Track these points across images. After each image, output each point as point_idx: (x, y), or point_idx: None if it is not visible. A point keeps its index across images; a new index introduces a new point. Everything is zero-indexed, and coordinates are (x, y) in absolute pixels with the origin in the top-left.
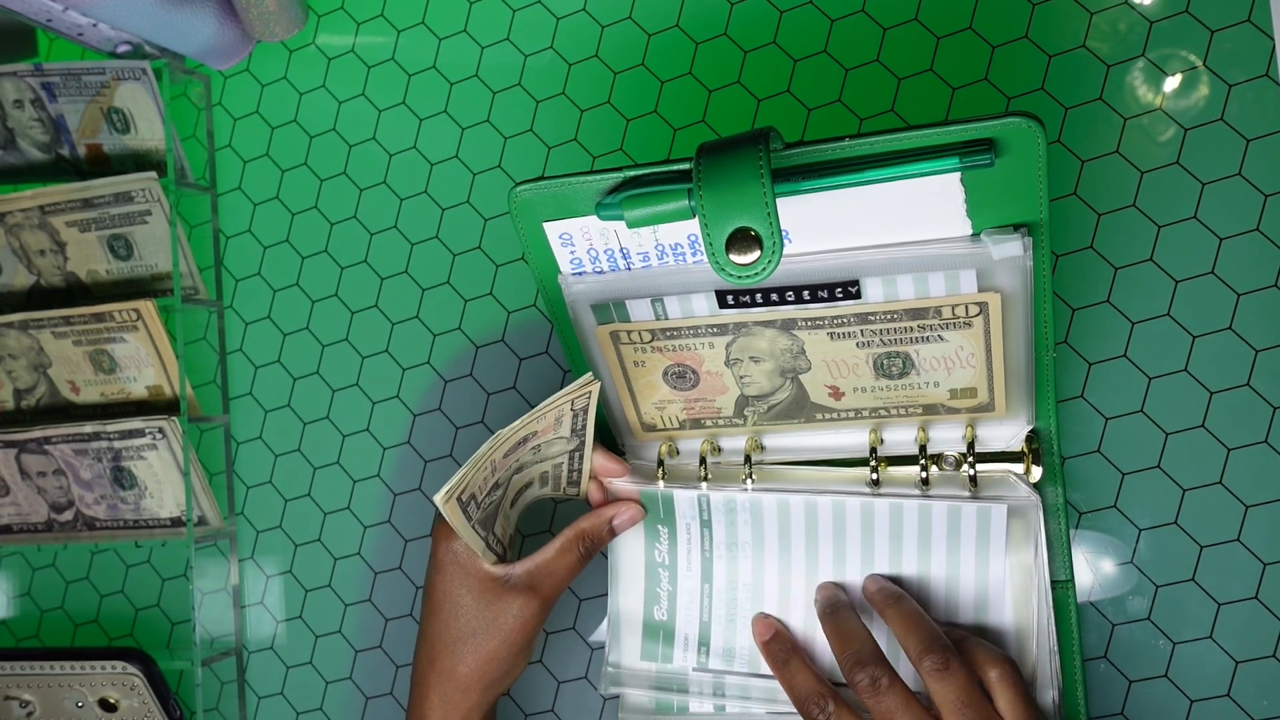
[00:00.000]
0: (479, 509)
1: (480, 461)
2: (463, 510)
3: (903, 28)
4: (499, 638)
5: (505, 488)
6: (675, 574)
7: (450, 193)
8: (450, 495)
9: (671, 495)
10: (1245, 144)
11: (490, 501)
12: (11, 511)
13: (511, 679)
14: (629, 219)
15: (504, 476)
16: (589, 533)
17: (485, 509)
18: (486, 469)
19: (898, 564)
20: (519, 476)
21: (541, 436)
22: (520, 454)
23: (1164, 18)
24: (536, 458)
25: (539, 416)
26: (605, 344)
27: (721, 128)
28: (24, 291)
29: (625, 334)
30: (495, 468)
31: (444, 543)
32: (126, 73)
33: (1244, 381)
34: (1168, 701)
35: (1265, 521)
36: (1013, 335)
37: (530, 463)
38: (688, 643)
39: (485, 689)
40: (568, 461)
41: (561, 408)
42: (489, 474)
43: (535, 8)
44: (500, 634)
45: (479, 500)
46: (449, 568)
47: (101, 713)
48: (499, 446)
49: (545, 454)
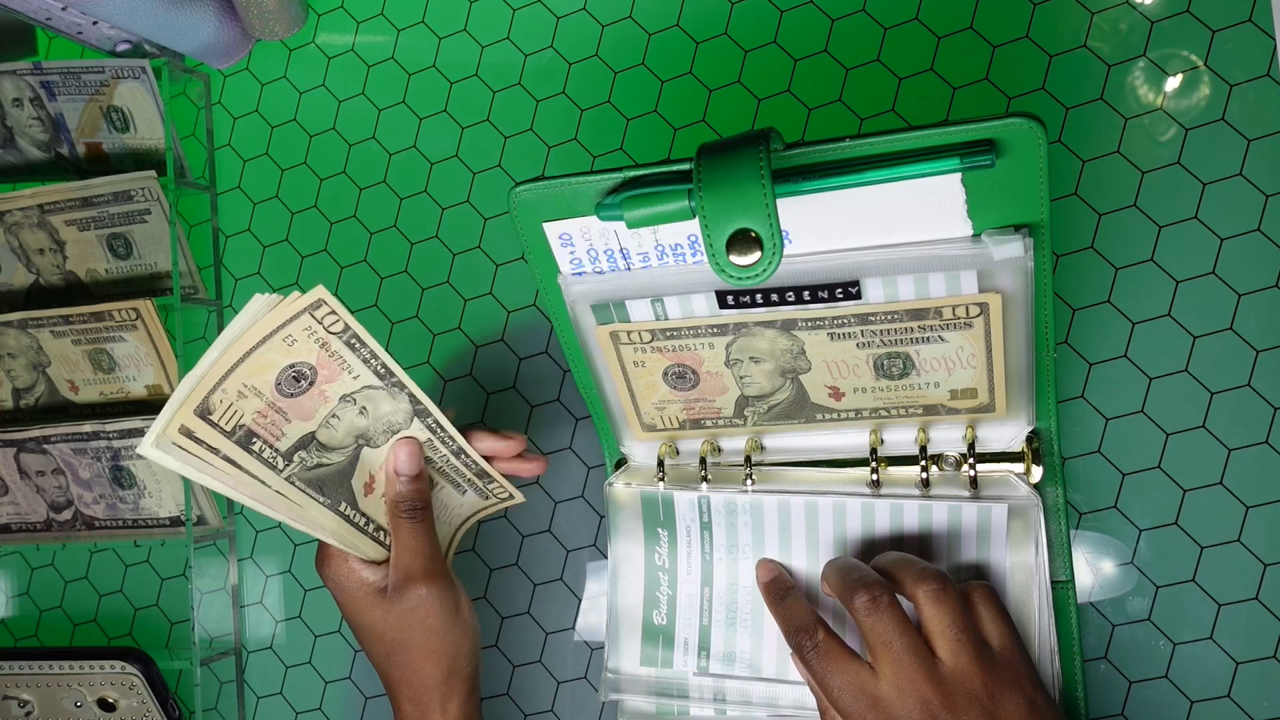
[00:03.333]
0: (280, 456)
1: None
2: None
3: (903, 27)
4: (420, 635)
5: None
6: (675, 578)
7: (450, 192)
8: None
9: (672, 497)
10: (1246, 144)
11: (322, 463)
12: (10, 511)
13: (467, 656)
14: (629, 219)
15: (337, 436)
16: (392, 499)
17: (301, 463)
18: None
19: None
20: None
21: (327, 378)
22: (313, 401)
23: (1165, 18)
24: (377, 424)
25: (268, 340)
26: (605, 344)
27: (721, 128)
28: (23, 290)
29: (625, 334)
30: (274, 405)
31: (322, 568)
32: (126, 71)
33: (1245, 382)
34: (1168, 702)
35: (1266, 522)
36: (1013, 336)
37: (373, 431)
38: (688, 647)
39: (446, 680)
40: (441, 444)
41: (297, 330)
42: (265, 409)
43: (535, 7)
44: (419, 631)
45: (274, 446)
46: (339, 595)
47: (100, 712)
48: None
49: (377, 413)
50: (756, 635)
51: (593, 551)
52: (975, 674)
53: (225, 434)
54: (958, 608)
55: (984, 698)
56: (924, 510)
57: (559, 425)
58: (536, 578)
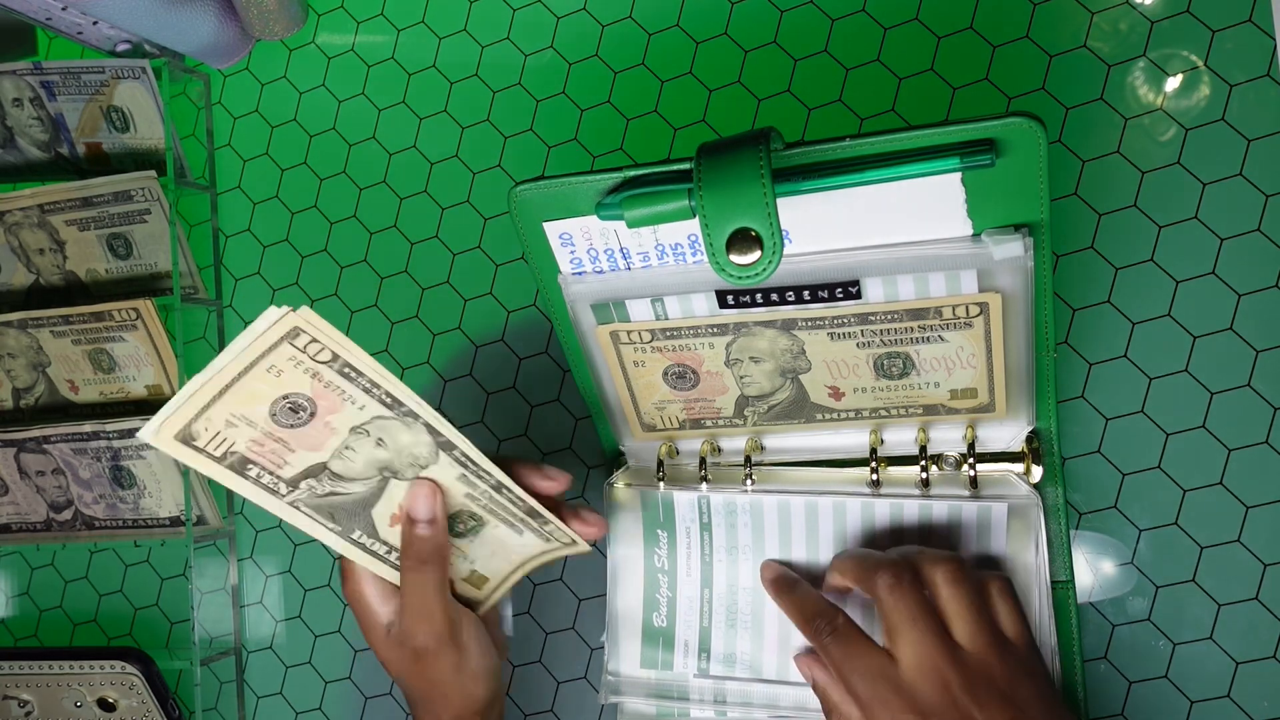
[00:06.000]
0: (283, 482)
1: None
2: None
3: (903, 27)
4: (423, 683)
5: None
6: (675, 579)
7: (450, 192)
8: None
9: (671, 498)
10: (1246, 144)
11: (336, 492)
12: (10, 511)
13: (480, 702)
14: (629, 219)
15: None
16: (402, 544)
17: (310, 490)
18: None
19: None
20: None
21: (329, 409)
22: (319, 432)
23: (1165, 18)
24: (400, 456)
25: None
26: (605, 344)
27: (722, 128)
28: (23, 290)
29: (625, 334)
30: (272, 435)
31: (343, 586)
32: (126, 71)
33: (1245, 382)
34: (1168, 702)
35: (1266, 522)
36: (1013, 336)
37: (398, 464)
38: (688, 649)
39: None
40: (478, 479)
41: (280, 360)
42: (261, 439)
43: (535, 7)
44: (422, 680)
45: (275, 474)
46: (356, 616)
47: (100, 712)
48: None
49: (397, 445)
50: (757, 636)
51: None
52: (994, 660)
53: (214, 459)
54: (975, 590)
55: (1002, 683)
56: (924, 509)
57: (559, 425)
58: (537, 578)
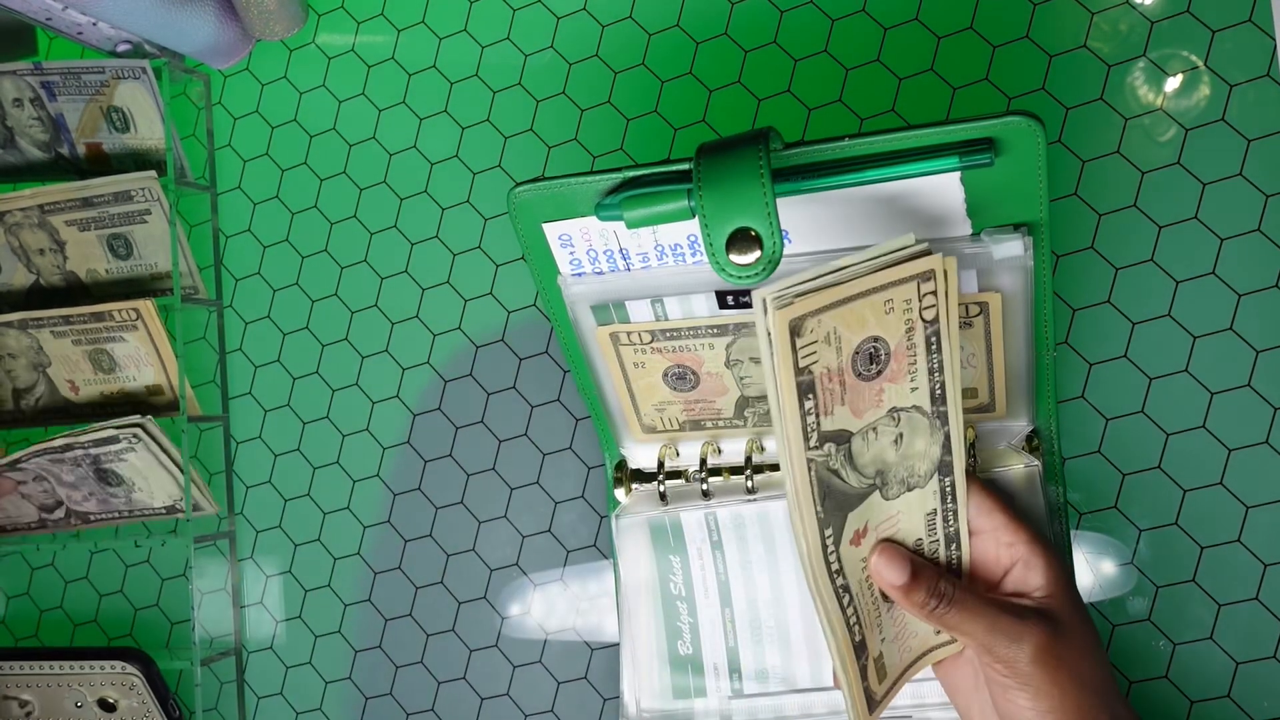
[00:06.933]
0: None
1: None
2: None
3: (903, 27)
4: None
5: None
6: (694, 604)
7: (450, 193)
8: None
9: (679, 520)
10: (1246, 144)
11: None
12: None
13: None
14: (628, 219)
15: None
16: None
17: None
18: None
19: None
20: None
21: (892, 374)
22: (871, 395)
23: (1165, 18)
24: (899, 468)
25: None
26: (605, 345)
27: (721, 128)
28: (23, 291)
29: (625, 335)
30: (842, 375)
31: None
32: (126, 72)
33: (1245, 382)
34: (1168, 702)
35: (1266, 522)
36: (1013, 335)
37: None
38: (718, 671)
39: None
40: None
41: (898, 298)
42: (833, 373)
43: (535, 7)
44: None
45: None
46: None
47: (100, 713)
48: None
49: (908, 450)
50: (785, 647)
51: (592, 552)
52: None
53: (795, 368)
54: None
55: None
56: None
57: (559, 425)
58: (537, 578)
